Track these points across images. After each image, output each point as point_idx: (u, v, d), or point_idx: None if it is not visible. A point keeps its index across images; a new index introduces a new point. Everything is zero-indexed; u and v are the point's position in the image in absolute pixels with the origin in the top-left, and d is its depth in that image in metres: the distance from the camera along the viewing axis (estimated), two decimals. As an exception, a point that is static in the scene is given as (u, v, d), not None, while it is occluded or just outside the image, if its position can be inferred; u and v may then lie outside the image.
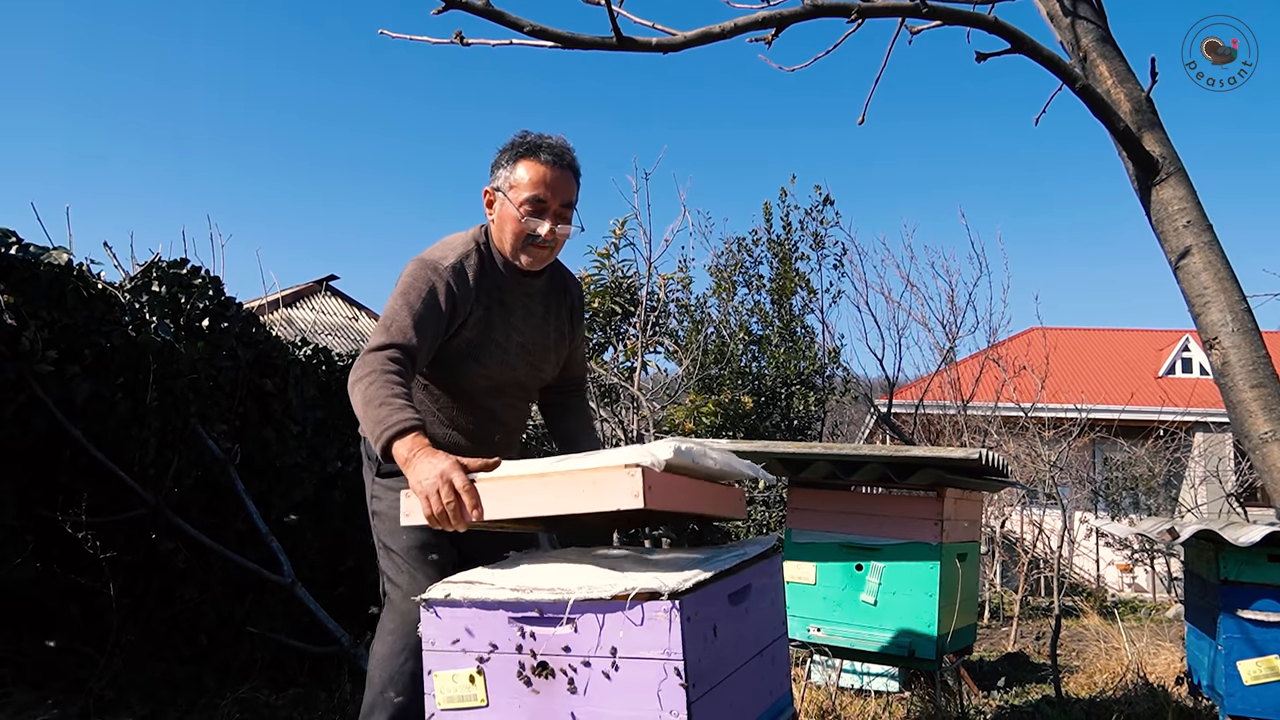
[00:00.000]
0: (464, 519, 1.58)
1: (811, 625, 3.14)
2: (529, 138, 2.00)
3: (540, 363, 2.15)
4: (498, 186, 2.00)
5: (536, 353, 2.13)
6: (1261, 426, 2.55)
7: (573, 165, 2.02)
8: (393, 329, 1.85)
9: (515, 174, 1.97)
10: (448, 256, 1.96)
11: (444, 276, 1.92)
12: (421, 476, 1.61)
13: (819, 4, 2.33)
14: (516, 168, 1.98)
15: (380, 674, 1.95)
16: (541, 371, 2.17)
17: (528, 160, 1.97)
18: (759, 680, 1.75)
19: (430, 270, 1.92)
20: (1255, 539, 2.53)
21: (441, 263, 1.94)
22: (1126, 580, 12.45)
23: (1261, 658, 2.63)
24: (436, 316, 1.90)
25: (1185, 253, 2.69)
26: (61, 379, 2.98)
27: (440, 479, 1.58)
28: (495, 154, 2.03)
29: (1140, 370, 18.07)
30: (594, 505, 1.51)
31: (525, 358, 2.10)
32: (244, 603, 3.49)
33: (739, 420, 7.92)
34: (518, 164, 1.98)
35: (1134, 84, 2.83)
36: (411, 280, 1.91)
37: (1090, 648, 5.37)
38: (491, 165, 2.03)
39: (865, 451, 3.09)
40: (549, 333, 2.15)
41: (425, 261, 1.94)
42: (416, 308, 1.87)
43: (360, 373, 1.80)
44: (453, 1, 2.04)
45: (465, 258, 1.98)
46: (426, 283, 1.90)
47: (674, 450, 1.58)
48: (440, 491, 1.57)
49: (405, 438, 1.68)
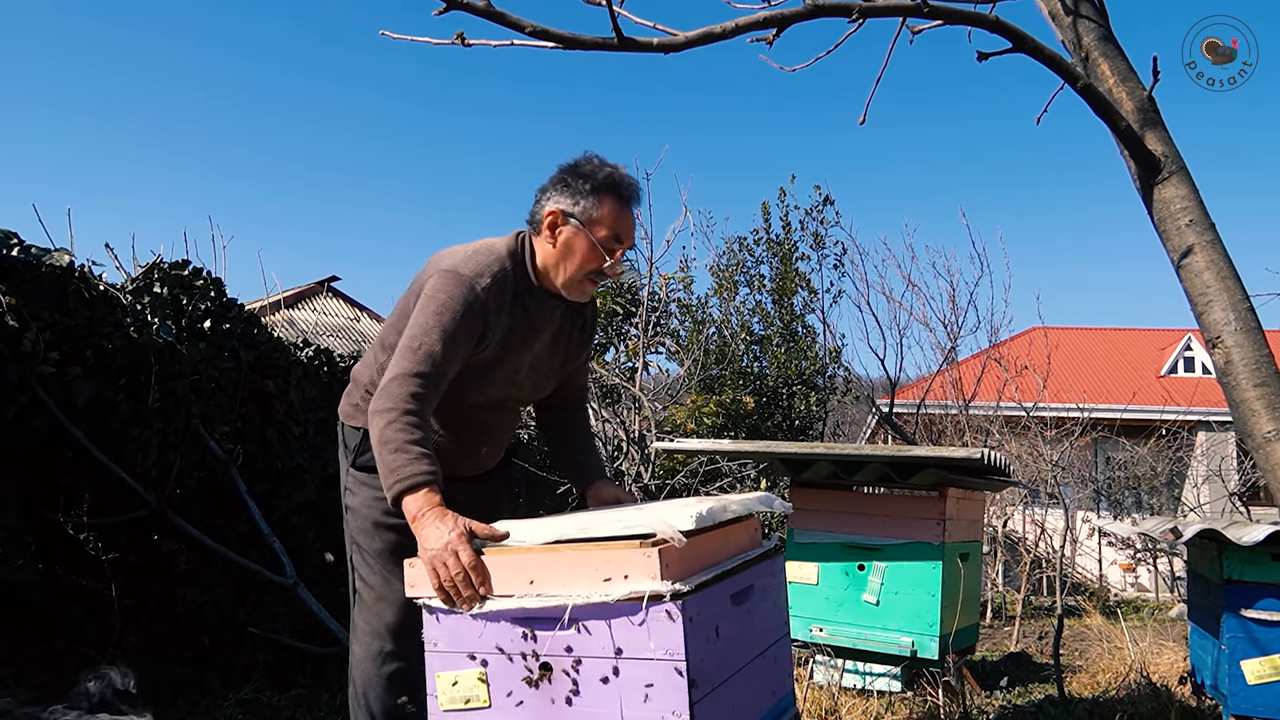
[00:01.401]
0: (468, 601, 1.54)
1: (814, 625, 3.14)
2: (609, 171, 1.91)
3: (545, 382, 2.10)
4: (571, 214, 1.88)
5: (543, 373, 2.07)
6: (1265, 426, 2.55)
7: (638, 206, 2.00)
8: (421, 352, 1.75)
9: (600, 209, 1.88)
10: (483, 275, 1.84)
11: (480, 297, 1.81)
12: (429, 544, 1.56)
13: (820, 4, 2.33)
14: (601, 202, 1.88)
15: (360, 675, 1.96)
16: (544, 389, 2.13)
17: (613, 197, 1.89)
18: (761, 680, 1.74)
19: (466, 289, 1.81)
20: (1258, 538, 2.53)
21: (478, 281, 1.82)
22: (1129, 580, 12.43)
23: (1265, 657, 2.62)
24: (467, 339, 1.81)
25: (1188, 252, 2.68)
26: (63, 380, 2.98)
27: (447, 551, 1.54)
28: (563, 173, 1.92)
29: (1142, 369, 18.05)
30: (606, 585, 1.46)
31: (532, 377, 2.05)
32: (246, 604, 3.49)
33: (740, 420, 7.92)
34: (602, 198, 1.88)
35: (1136, 83, 2.83)
36: (446, 297, 1.79)
37: (1093, 647, 5.36)
38: (557, 184, 1.92)
39: (867, 451, 3.09)
40: (559, 353, 2.08)
41: (461, 277, 1.82)
42: (449, 330, 1.77)
43: (383, 404, 1.72)
44: (454, 2, 2.04)
45: (501, 277, 1.87)
46: (462, 302, 1.79)
47: (695, 518, 1.52)
48: (448, 564, 1.53)
49: (418, 493, 1.64)
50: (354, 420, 2.09)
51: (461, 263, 1.86)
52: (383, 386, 1.75)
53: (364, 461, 2.03)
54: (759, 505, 1.84)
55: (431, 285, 1.82)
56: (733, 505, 1.72)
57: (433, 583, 1.55)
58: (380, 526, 1.99)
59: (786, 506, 1.95)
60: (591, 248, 1.88)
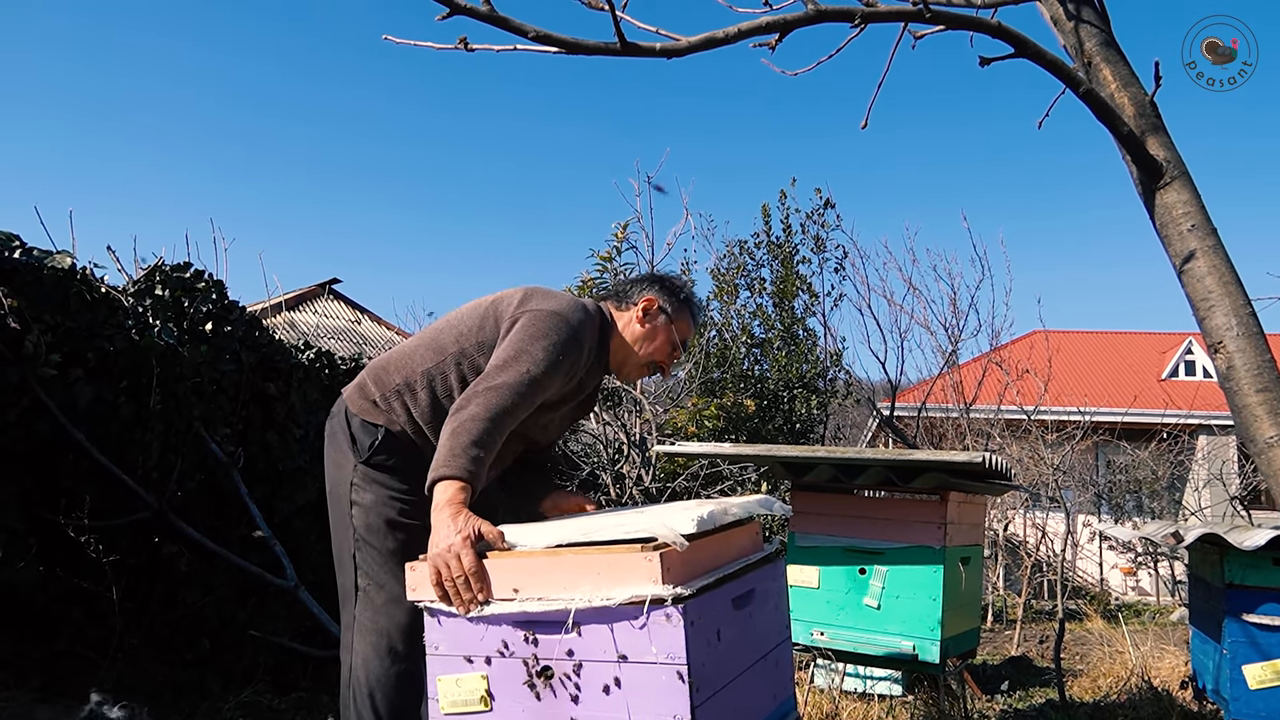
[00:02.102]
0: (466, 605, 1.55)
1: (815, 629, 3.14)
2: (693, 292, 2.28)
3: (559, 429, 2.26)
4: (665, 309, 2.18)
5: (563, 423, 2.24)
6: (1267, 431, 2.55)
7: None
8: (528, 377, 1.85)
9: (684, 316, 2.22)
10: (585, 330, 2.02)
11: (583, 349, 2.01)
12: (437, 540, 1.60)
13: (822, 9, 2.33)
14: (685, 313, 2.23)
15: (366, 674, 1.97)
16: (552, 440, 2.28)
17: (690, 312, 2.25)
18: (763, 684, 1.74)
19: (575, 336, 1.97)
20: (1260, 543, 2.52)
21: (582, 334, 2.00)
22: (1130, 583, 12.42)
23: (1267, 662, 2.62)
24: (560, 382, 1.97)
25: (1190, 257, 2.68)
26: (65, 382, 2.99)
27: (450, 553, 1.56)
28: (660, 277, 2.24)
29: (1143, 373, 18.04)
30: (608, 589, 1.47)
31: (557, 423, 2.21)
32: (247, 606, 3.49)
33: (741, 423, 7.92)
34: (688, 310, 2.24)
35: (1138, 88, 2.83)
36: (558, 338, 1.93)
37: (1094, 651, 5.36)
38: (654, 283, 2.21)
39: (868, 455, 3.09)
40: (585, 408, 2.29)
41: (571, 326, 1.97)
42: (554, 366, 1.91)
43: (475, 402, 1.79)
44: (457, 7, 2.04)
45: (591, 337, 2.07)
46: (570, 346, 1.95)
47: (696, 522, 1.53)
48: (450, 565, 1.56)
49: (453, 484, 1.67)
50: (370, 416, 2.02)
51: (568, 310, 2.01)
52: (480, 390, 1.81)
53: (378, 461, 2.00)
54: (759, 508, 1.85)
55: (542, 321, 1.94)
56: (733, 508, 1.72)
57: (431, 579, 1.57)
58: (394, 525, 1.97)
59: (786, 509, 1.96)
60: (668, 341, 2.19)
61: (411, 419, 2.00)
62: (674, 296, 2.21)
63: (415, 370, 2.02)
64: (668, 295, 2.20)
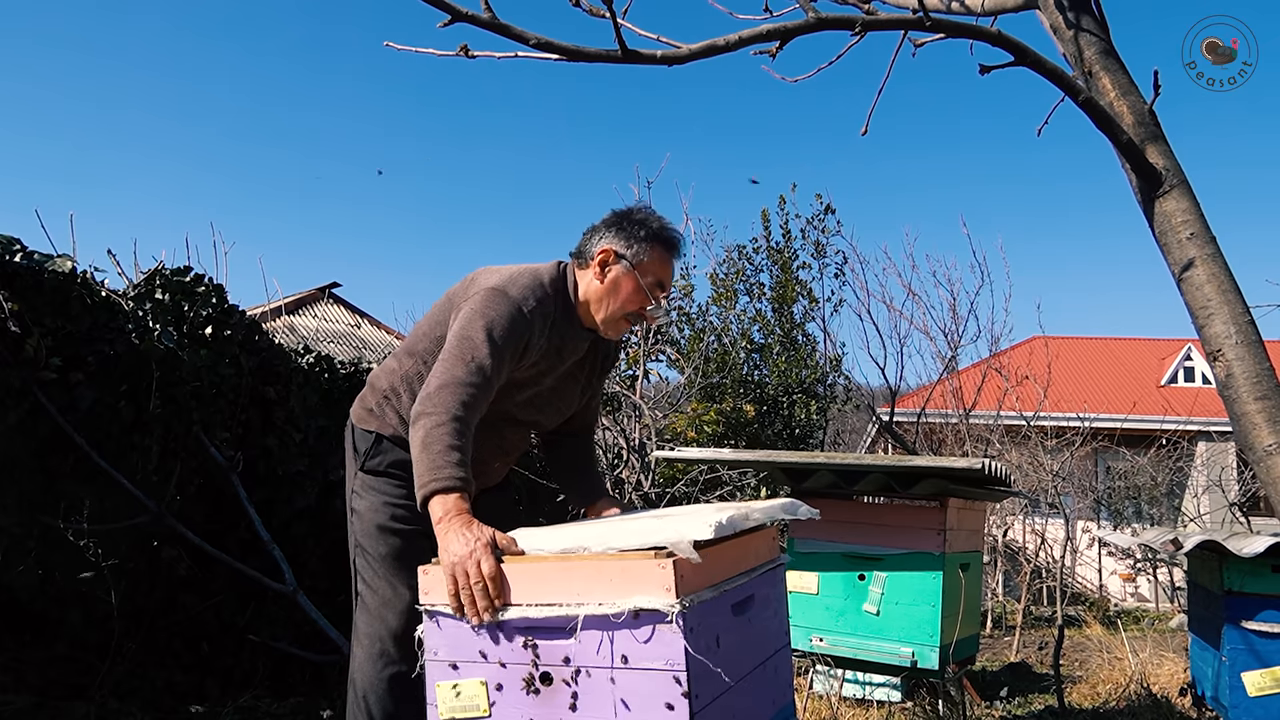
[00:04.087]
0: (483, 612, 1.52)
1: (814, 635, 3.14)
2: (661, 222, 2.03)
3: (563, 406, 2.16)
4: (623, 255, 1.99)
5: (563, 398, 2.14)
6: (1266, 439, 2.55)
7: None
8: (473, 364, 1.79)
9: (649, 255, 1.99)
10: (529, 299, 1.91)
11: (526, 318, 1.89)
12: (452, 550, 1.55)
13: (823, 17, 2.34)
14: (654, 249, 1.99)
15: (360, 678, 1.97)
16: (563, 416, 2.19)
17: (663, 248, 2.01)
18: (762, 690, 1.74)
19: (514, 309, 1.87)
20: (1259, 550, 2.52)
21: (524, 304, 1.89)
22: (1129, 590, 12.42)
23: (1266, 669, 2.62)
24: (512, 356, 1.89)
25: (1189, 265, 2.69)
26: (65, 386, 2.99)
27: (471, 560, 1.52)
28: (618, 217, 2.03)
29: (1142, 379, 18.05)
30: (617, 596, 1.45)
31: (553, 401, 2.11)
32: (246, 610, 3.49)
33: (741, 429, 7.92)
34: (653, 246, 1.99)
35: (1137, 96, 2.84)
36: (496, 314, 1.85)
37: (1093, 658, 5.35)
38: (611, 226, 2.01)
39: (868, 461, 3.09)
40: (579, 381, 2.15)
41: (510, 297, 1.88)
42: (498, 345, 1.83)
43: (431, 408, 1.73)
44: (458, 15, 2.04)
45: (544, 304, 1.94)
46: (510, 320, 1.86)
47: (714, 528, 1.50)
48: (469, 573, 1.52)
49: (449, 496, 1.64)
50: (366, 424, 2.08)
51: (508, 283, 1.92)
52: (431, 393, 1.76)
53: (373, 465, 2.03)
54: (782, 513, 1.80)
55: (479, 300, 1.87)
56: (755, 514, 1.69)
57: (449, 589, 1.54)
58: (385, 531, 1.99)
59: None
60: (637, 289, 1.99)
61: (403, 422, 2.01)
62: (633, 237, 2.00)
63: (396, 375, 2.06)
64: (625, 238, 2.00)
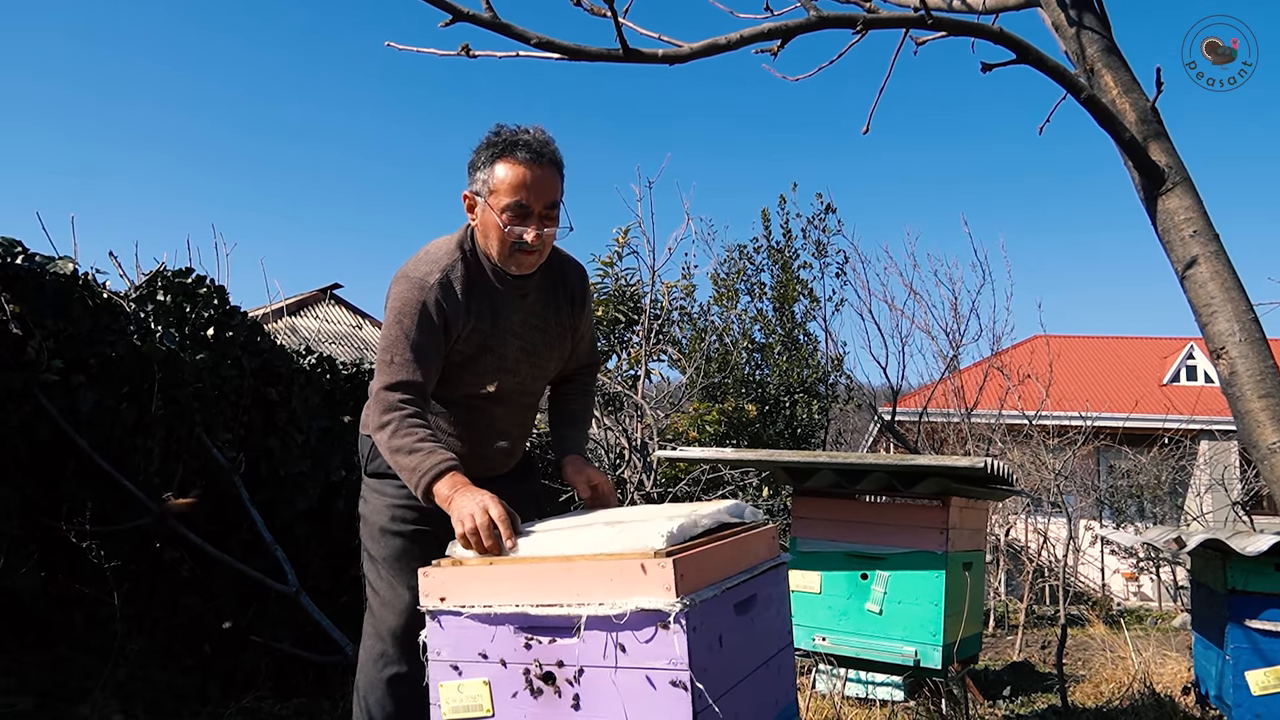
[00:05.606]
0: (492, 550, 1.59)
1: (817, 634, 3.13)
2: (504, 134, 1.85)
3: (544, 362, 2.06)
4: (477, 190, 1.88)
5: (540, 353, 2.04)
6: (1270, 437, 2.54)
7: (554, 159, 1.87)
8: (394, 365, 1.81)
9: (494, 177, 1.84)
10: (432, 271, 1.86)
11: (432, 294, 1.84)
12: (461, 507, 1.63)
13: (824, 15, 2.34)
14: (494, 170, 1.84)
15: (362, 679, 1.99)
16: (545, 371, 2.09)
17: (505, 161, 1.83)
18: (765, 690, 1.74)
19: (417, 289, 1.84)
20: (1262, 548, 2.52)
21: (427, 279, 1.85)
22: (1132, 589, 12.40)
23: (1269, 668, 2.61)
24: (435, 339, 1.84)
25: (1192, 262, 2.68)
26: (67, 388, 2.99)
27: (478, 506, 1.60)
28: (472, 153, 1.90)
29: (1145, 378, 18.03)
30: (622, 594, 1.46)
31: (528, 361, 2.02)
32: (248, 611, 3.49)
33: (742, 428, 7.92)
34: (495, 165, 1.84)
35: (1139, 94, 2.83)
36: (401, 304, 1.84)
37: (1096, 657, 5.35)
38: (468, 166, 1.90)
39: (870, 460, 3.09)
40: (550, 329, 2.04)
41: (411, 279, 1.86)
42: (413, 336, 1.81)
43: (380, 418, 1.78)
44: (459, 14, 2.04)
45: (450, 269, 1.88)
46: (416, 304, 1.83)
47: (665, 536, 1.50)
48: (475, 516, 1.60)
49: (444, 479, 1.70)
50: (366, 428, 2.08)
51: (411, 266, 1.89)
52: (371, 403, 1.83)
53: (374, 468, 2.05)
54: (728, 515, 1.80)
55: (389, 295, 1.88)
56: (703, 519, 1.68)
57: (459, 530, 1.61)
58: (387, 533, 2.00)
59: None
60: (494, 223, 1.84)
61: None
62: (475, 167, 1.87)
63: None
64: (471, 172, 1.89)
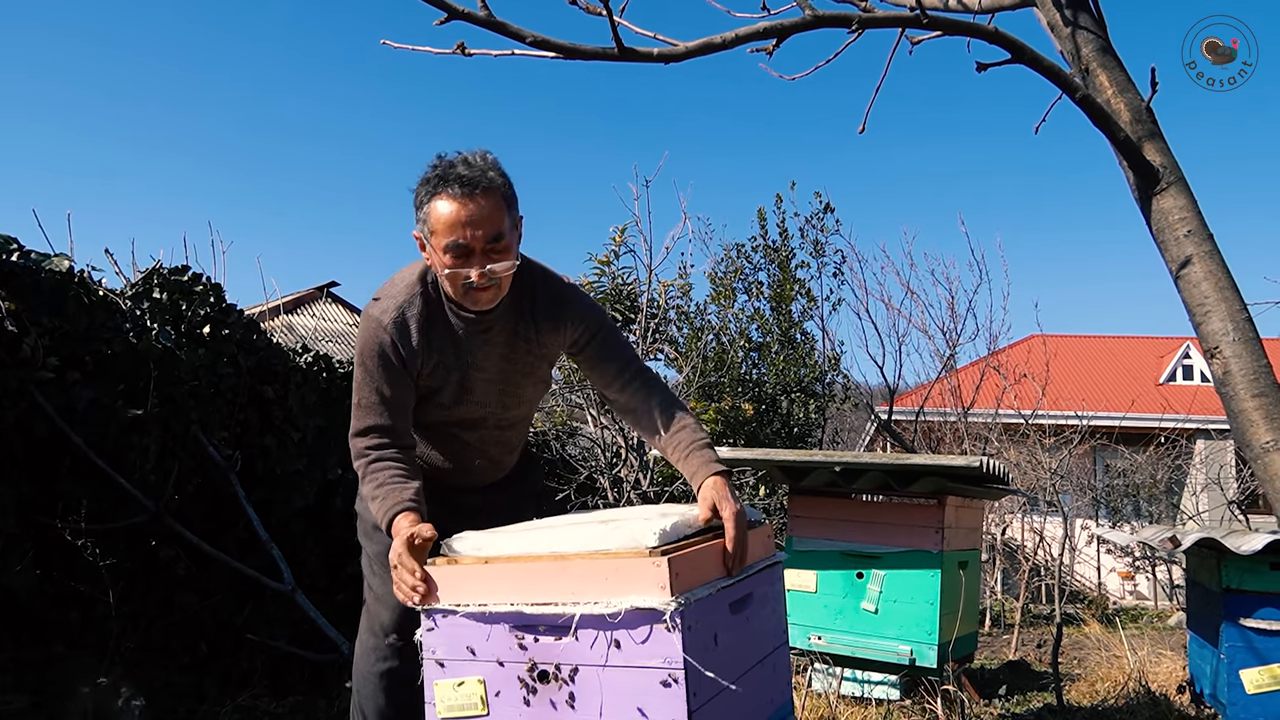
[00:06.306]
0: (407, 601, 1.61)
1: (812, 633, 3.14)
2: (439, 167, 1.75)
3: (518, 390, 1.98)
4: (422, 235, 1.79)
5: (511, 382, 1.95)
6: (1263, 436, 2.55)
7: (493, 187, 1.74)
8: (361, 409, 1.83)
9: (431, 216, 1.73)
10: (388, 310, 1.82)
11: (389, 334, 1.81)
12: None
13: (820, 14, 2.34)
14: (432, 208, 1.73)
15: (357, 673, 2.02)
16: (521, 398, 2.00)
17: (439, 198, 1.73)
18: (760, 688, 1.74)
19: (375, 329, 1.82)
20: (1257, 547, 2.53)
21: (383, 318, 1.82)
22: (1128, 588, 12.43)
23: (1264, 666, 2.62)
24: (399, 376, 1.83)
25: (1186, 262, 2.69)
26: (62, 386, 2.98)
27: (392, 554, 1.63)
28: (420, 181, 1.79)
29: (1141, 377, 18.05)
30: (617, 593, 1.45)
31: (498, 392, 1.95)
32: (244, 610, 3.49)
33: (739, 427, 7.92)
34: (431, 203, 1.73)
35: (1134, 94, 2.84)
36: (363, 344, 1.83)
37: (1092, 656, 5.35)
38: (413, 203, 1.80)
39: (866, 459, 3.09)
40: (520, 359, 1.94)
41: (370, 318, 1.84)
42: (377, 379, 1.82)
43: (357, 463, 1.83)
44: (455, 12, 2.04)
45: (407, 306, 1.83)
46: (376, 344, 1.81)
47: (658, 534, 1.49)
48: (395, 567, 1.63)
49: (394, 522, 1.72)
50: None
51: (372, 302, 1.87)
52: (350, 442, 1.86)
53: None
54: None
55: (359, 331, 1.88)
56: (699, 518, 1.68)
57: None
58: (378, 529, 2.00)
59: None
60: (440, 263, 1.75)
61: None
62: (418, 205, 1.78)
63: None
64: (416, 211, 1.79)
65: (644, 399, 1.93)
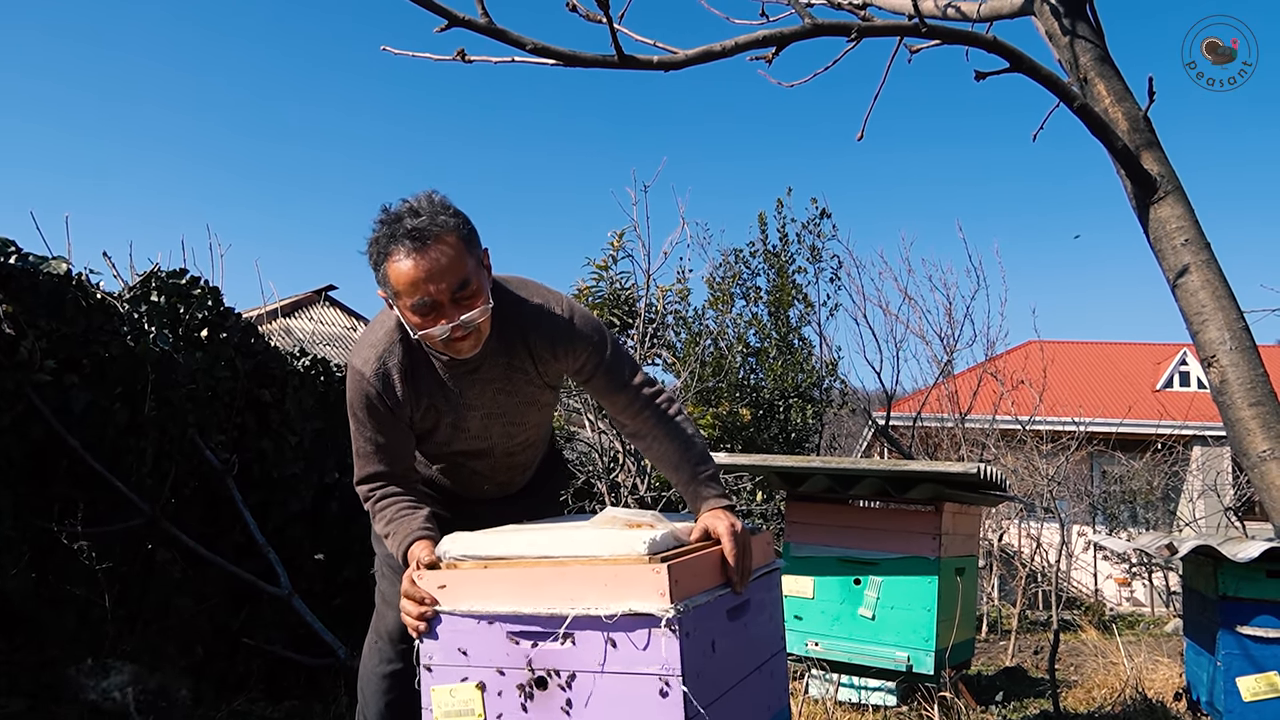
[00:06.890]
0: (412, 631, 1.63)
1: (810, 639, 3.14)
2: (385, 223, 1.66)
3: (521, 418, 1.94)
4: (386, 295, 1.72)
5: (512, 412, 1.91)
6: (1260, 445, 2.55)
7: (446, 230, 1.64)
8: (360, 457, 1.85)
9: (390, 278, 1.65)
10: (369, 360, 1.77)
11: (373, 386, 1.77)
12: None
13: (819, 23, 2.35)
14: (389, 269, 1.64)
15: (362, 673, 2.05)
16: (526, 425, 1.96)
17: (392, 258, 1.63)
18: (757, 695, 1.74)
19: (359, 381, 1.78)
20: (1254, 554, 2.53)
21: (365, 369, 1.77)
22: (1125, 594, 12.42)
23: (1261, 674, 2.62)
24: (389, 423, 1.80)
25: (1183, 271, 2.70)
26: (59, 388, 2.98)
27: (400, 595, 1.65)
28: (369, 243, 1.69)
29: (1138, 383, 18.07)
30: (615, 599, 1.46)
31: (499, 424, 1.91)
32: (240, 614, 3.48)
33: (737, 433, 7.92)
34: (388, 264, 1.65)
35: (1132, 103, 2.85)
36: (351, 395, 1.81)
37: (1088, 662, 5.36)
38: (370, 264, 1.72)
39: (864, 466, 3.10)
40: (519, 390, 1.88)
41: (354, 370, 1.80)
42: (369, 429, 1.81)
43: (365, 506, 1.87)
44: (455, 20, 2.05)
45: (388, 355, 1.78)
46: (362, 396, 1.79)
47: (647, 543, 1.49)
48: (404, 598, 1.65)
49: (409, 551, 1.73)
50: None
51: (355, 352, 1.83)
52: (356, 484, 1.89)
53: None
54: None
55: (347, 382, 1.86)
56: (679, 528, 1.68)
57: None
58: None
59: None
60: (411, 322, 1.68)
61: None
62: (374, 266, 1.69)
63: None
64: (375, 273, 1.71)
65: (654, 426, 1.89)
